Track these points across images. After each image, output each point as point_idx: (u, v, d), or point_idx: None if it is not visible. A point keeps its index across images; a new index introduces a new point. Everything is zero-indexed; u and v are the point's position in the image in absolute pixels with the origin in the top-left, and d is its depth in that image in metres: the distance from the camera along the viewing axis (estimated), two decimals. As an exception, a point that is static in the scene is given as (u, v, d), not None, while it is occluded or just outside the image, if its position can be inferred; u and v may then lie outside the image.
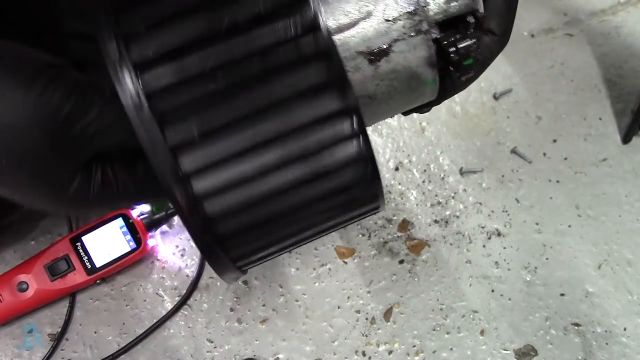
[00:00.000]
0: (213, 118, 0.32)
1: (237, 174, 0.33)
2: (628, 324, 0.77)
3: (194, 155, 0.33)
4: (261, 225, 0.35)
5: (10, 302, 0.72)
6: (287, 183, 0.34)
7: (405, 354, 0.76)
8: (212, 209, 0.34)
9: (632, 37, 0.90)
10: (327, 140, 0.33)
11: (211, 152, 0.33)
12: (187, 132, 0.32)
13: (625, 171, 0.83)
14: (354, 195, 0.36)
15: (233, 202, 0.34)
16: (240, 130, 0.32)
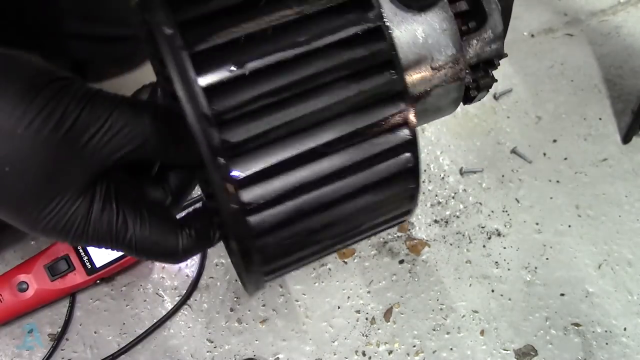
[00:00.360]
0: (272, 120, 0.31)
1: (290, 184, 0.32)
2: (628, 324, 0.77)
3: (247, 159, 0.31)
4: (299, 241, 0.35)
5: (10, 302, 0.72)
6: (340, 194, 0.33)
7: (405, 354, 0.76)
8: (256, 220, 0.32)
9: (632, 37, 0.90)
10: (379, 122, 0.33)
11: (266, 158, 0.31)
12: (244, 132, 0.31)
13: (625, 171, 0.83)
14: (395, 207, 0.37)
15: (279, 215, 0.33)
16: (299, 138, 0.32)
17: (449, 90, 0.40)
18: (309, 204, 0.33)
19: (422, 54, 0.38)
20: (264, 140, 0.31)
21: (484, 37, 0.40)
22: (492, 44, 0.40)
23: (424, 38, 0.38)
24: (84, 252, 0.73)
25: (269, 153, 0.32)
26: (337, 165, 0.33)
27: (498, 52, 0.41)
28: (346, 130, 0.33)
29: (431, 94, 0.40)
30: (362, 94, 0.33)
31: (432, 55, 0.39)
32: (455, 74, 0.40)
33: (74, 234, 0.37)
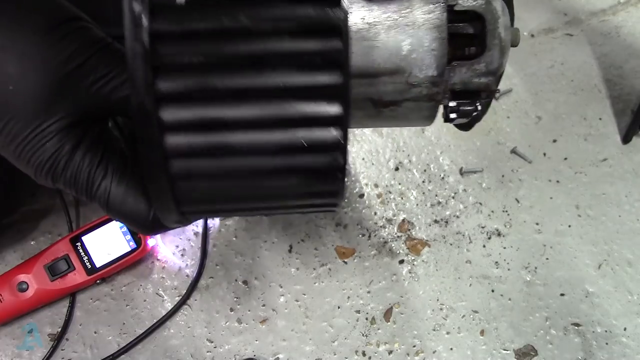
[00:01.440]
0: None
1: (209, 116, 0.32)
2: (628, 324, 0.77)
3: (173, 80, 0.31)
4: (216, 176, 0.34)
5: (10, 302, 0.72)
6: (256, 143, 0.33)
7: (405, 354, 0.76)
8: (172, 143, 0.32)
9: (632, 37, 0.90)
10: (310, 116, 0.33)
11: (189, 83, 0.32)
12: (173, 52, 0.31)
13: (625, 171, 0.83)
14: (316, 182, 0.36)
15: (196, 144, 0.33)
16: (226, 74, 0.32)
17: (421, 107, 0.39)
18: (224, 143, 0.33)
19: (401, 65, 0.37)
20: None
21: (475, 68, 0.39)
22: (483, 77, 0.39)
23: (409, 51, 0.37)
24: (84, 252, 0.73)
25: (196, 76, 0.32)
26: (261, 141, 0.33)
27: (487, 87, 0.39)
28: (274, 113, 0.32)
29: (402, 105, 0.39)
30: (301, 87, 0.32)
31: (411, 71, 0.38)
32: (431, 95, 0.38)
33: (54, 167, 0.38)
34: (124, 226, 0.74)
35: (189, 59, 0.32)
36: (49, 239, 0.78)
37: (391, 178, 0.82)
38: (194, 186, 0.35)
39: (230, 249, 0.79)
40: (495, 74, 0.39)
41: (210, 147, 0.33)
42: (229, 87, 0.32)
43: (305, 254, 0.79)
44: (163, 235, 0.79)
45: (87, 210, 0.79)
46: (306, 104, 0.33)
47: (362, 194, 0.82)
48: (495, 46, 0.38)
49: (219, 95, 0.32)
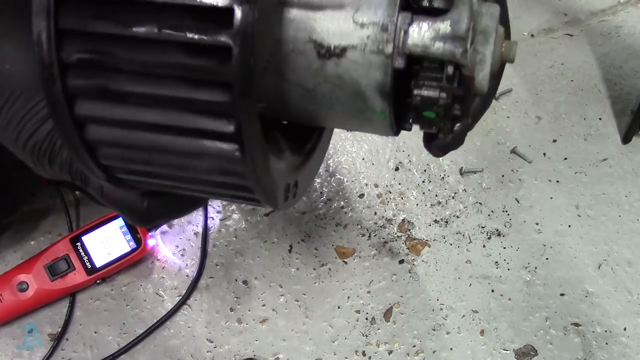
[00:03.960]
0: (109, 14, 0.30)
1: (111, 89, 0.32)
2: (628, 324, 0.77)
3: (79, 45, 0.31)
4: (122, 146, 0.34)
5: (10, 302, 0.72)
6: (152, 122, 0.32)
7: (405, 354, 0.76)
8: (82, 110, 0.32)
9: (632, 37, 0.90)
10: (204, 131, 0.31)
11: (96, 50, 0.31)
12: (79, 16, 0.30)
13: (625, 171, 0.83)
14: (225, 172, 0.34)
15: (103, 114, 0.32)
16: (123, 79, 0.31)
17: (369, 61, 0.34)
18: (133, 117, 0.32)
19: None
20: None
21: (437, 27, 0.32)
22: (447, 42, 0.32)
23: None
24: (84, 252, 0.73)
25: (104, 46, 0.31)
26: (158, 142, 0.32)
27: (452, 54, 0.33)
28: (170, 123, 0.32)
29: (346, 55, 0.34)
30: (191, 101, 0.31)
31: (359, 6, 0.33)
32: (379, 43, 0.33)
33: (51, 147, 0.38)
34: (124, 226, 0.74)
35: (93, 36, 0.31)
36: (49, 239, 0.78)
37: (391, 178, 0.82)
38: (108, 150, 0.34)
39: (230, 249, 0.79)
40: (463, 40, 0.33)
41: (112, 118, 0.32)
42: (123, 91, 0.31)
43: (305, 254, 0.79)
44: (163, 235, 0.79)
45: (87, 210, 0.79)
46: (198, 118, 0.31)
47: (362, 194, 0.82)
48: (463, 4, 0.32)
49: (115, 96, 0.32)
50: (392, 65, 0.33)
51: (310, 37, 0.34)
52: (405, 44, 0.33)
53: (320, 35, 0.34)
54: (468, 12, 0.32)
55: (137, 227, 0.74)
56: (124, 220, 0.74)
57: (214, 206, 0.80)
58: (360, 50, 0.33)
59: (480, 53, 0.34)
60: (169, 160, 0.34)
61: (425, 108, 0.34)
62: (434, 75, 0.34)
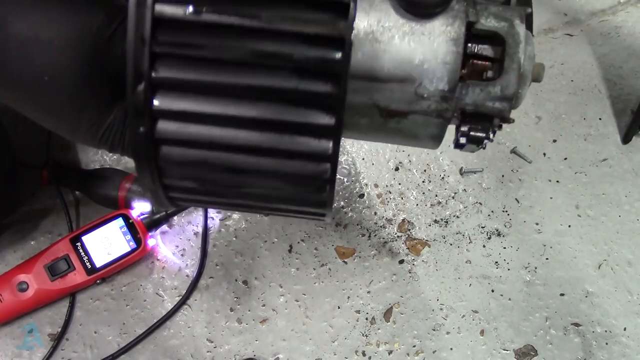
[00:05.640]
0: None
1: (203, 109, 0.33)
2: (628, 324, 0.77)
3: (170, 66, 0.32)
4: (203, 168, 0.35)
5: (10, 302, 0.72)
6: (246, 142, 0.33)
7: (405, 354, 0.76)
8: (164, 128, 0.33)
9: (632, 37, 0.90)
10: (302, 123, 0.33)
11: (188, 74, 0.32)
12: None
13: (625, 171, 0.83)
14: (302, 189, 0.36)
15: (187, 133, 0.33)
16: (226, 72, 0.32)
17: (428, 123, 0.38)
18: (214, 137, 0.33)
19: (411, 74, 0.36)
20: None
21: (489, 90, 0.36)
22: (497, 102, 0.36)
23: (421, 61, 0.36)
24: (84, 252, 0.73)
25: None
26: (252, 141, 0.33)
27: (501, 112, 0.37)
28: (271, 116, 0.33)
29: (408, 117, 0.37)
30: (298, 92, 0.32)
31: (422, 81, 0.36)
32: (440, 111, 0.37)
33: (112, 141, 0.39)
34: (124, 226, 0.74)
35: (190, 50, 0.32)
36: (49, 239, 0.78)
37: (391, 178, 0.82)
38: (180, 173, 0.35)
39: (230, 249, 0.79)
40: (511, 100, 0.37)
41: (198, 139, 0.33)
42: (225, 83, 0.32)
43: (305, 254, 0.79)
44: (163, 235, 0.79)
45: (87, 210, 0.79)
46: (300, 111, 0.33)
47: (362, 194, 0.82)
48: (513, 70, 0.36)
49: (214, 90, 0.32)
50: (448, 123, 0.38)
51: (374, 102, 0.37)
52: (460, 104, 0.37)
53: (384, 103, 0.37)
54: (516, 77, 0.36)
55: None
56: (123, 221, 0.74)
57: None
58: (421, 115, 0.37)
59: (519, 93, 0.38)
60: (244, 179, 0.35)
61: (472, 144, 0.38)
62: (481, 123, 0.38)
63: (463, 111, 0.37)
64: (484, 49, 0.37)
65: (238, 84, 0.32)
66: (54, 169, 0.77)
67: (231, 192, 0.37)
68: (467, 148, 0.39)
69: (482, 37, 0.37)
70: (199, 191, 0.37)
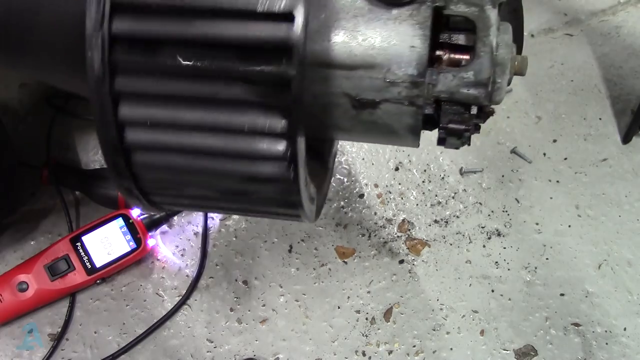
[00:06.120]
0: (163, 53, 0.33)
1: (165, 117, 0.33)
2: (628, 324, 0.77)
3: (131, 80, 0.32)
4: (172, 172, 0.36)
5: (10, 302, 0.72)
6: (207, 146, 0.34)
7: (405, 354, 0.76)
8: (132, 137, 0.34)
9: (632, 37, 0.90)
10: (258, 128, 0.33)
11: (148, 85, 0.33)
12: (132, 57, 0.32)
13: (625, 171, 0.83)
14: (271, 191, 0.36)
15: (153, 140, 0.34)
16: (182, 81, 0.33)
17: (401, 111, 0.37)
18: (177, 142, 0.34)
19: (378, 60, 0.36)
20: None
21: (462, 76, 0.36)
22: (472, 88, 0.36)
23: (387, 45, 0.35)
24: (84, 252, 0.73)
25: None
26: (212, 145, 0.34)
27: (476, 99, 0.36)
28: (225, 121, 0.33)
29: (380, 107, 0.37)
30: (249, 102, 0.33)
31: (390, 67, 0.36)
32: (411, 98, 0.36)
33: None
34: (124, 226, 0.74)
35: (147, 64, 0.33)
36: (49, 239, 0.78)
37: (391, 178, 0.82)
38: (152, 178, 0.36)
39: (230, 249, 0.79)
40: (486, 85, 0.36)
41: (164, 145, 0.34)
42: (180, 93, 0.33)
43: (305, 254, 0.79)
44: (163, 235, 0.79)
45: (87, 210, 0.79)
46: (254, 116, 0.33)
47: (362, 194, 0.82)
48: (485, 54, 0.35)
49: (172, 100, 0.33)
50: (422, 112, 0.37)
51: (344, 91, 0.37)
52: (432, 92, 0.36)
53: (355, 91, 0.37)
54: (489, 61, 0.35)
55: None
56: (123, 221, 0.74)
57: (214, 206, 0.80)
58: (392, 103, 0.37)
59: (497, 83, 0.37)
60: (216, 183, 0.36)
61: (452, 137, 0.38)
62: (457, 113, 0.37)
63: (437, 100, 0.36)
64: (457, 38, 0.37)
65: (193, 94, 0.33)
66: (54, 169, 0.77)
67: (204, 194, 0.38)
68: (449, 143, 0.38)
69: (456, 28, 0.37)
70: (175, 195, 0.38)
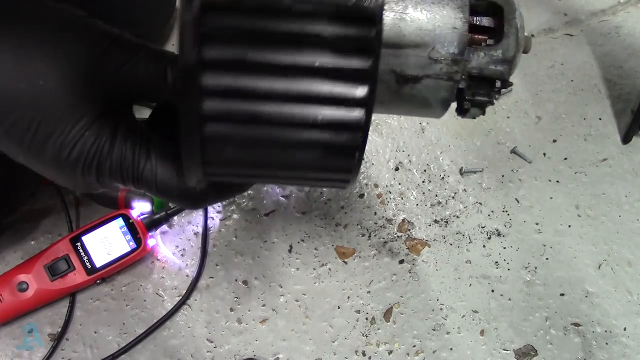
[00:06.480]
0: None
1: (245, 86, 0.34)
2: (628, 324, 0.77)
3: (216, 48, 0.33)
4: (244, 143, 0.37)
5: (10, 302, 0.72)
6: (285, 116, 0.35)
7: (405, 354, 0.76)
8: (209, 107, 0.34)
9: (632, 37, 0.90)
10: (338, 96, 0.35)
11: (231, 53, 0.34)
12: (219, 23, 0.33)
13: (625, 171, 0.83)
14: (335, 158, 0.38)
15: (231, 110, 0.35)
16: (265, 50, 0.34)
17: (439, 86, 0.41)
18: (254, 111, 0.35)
19: (425, 40, 0.40)
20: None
21: (492, 54, 0.41)
22: (499, 65, 0.41)
23: (434, 27, 0.40)
24: (84, 252, 0.73)
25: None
26: (287, 114, 0.35)
27: (502, 74, 0.41)
28: (305, 89, 0.34)
29: (421, 81, 0.41)
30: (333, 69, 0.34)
31: (434, 46, 0.40)
32: (450, 73, 0.41)
33: (98, 154, 0.38)
34: (124, 226, 0.74)
35: (233, 31, 0.34)
36: (49, 239, 0.78)
37: (391, 178, 0.82)
38: (223, 149, 0.37)
39: (230, 249, 0.79)
40: (511, 62, 0.41)
41: (242, 115, 0.35)
42: (266, 62, 0.34)
43: (305, 254, 0.79)
44: (163, 235, 0.79)
45: (87, 210, 0.79)
46: (336, 84, 0.35)
47: (362, 194, 0.82)
48: (512, 34, 0.41)
49: (256, 68, 0.34)
50: (457, 87, 0.41)
51: (391, 67, 0.41)
52: (466, 68, 0.41)
53: (400, 68, 0.41)
54: (515, 40, 0.41)
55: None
56: (123, 220, 0.74)
57: (214, 206, 0.80)
58: (432, 79, 0.41)
59: (516, 59, 0.42)
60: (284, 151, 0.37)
61: (475, 108, 0.42)
62: (484, 87, 0.42)
63: (469, 75, 0.41)
64: (483, 20, 0.42)
65: (276, 62, 0.34)
66: (54, 169, 0.77)
67: (269, 164, 0.39)
68: (471, 113, 0.43)
69: (478, 12, 0.42)
70: (238, 165, 0.39)
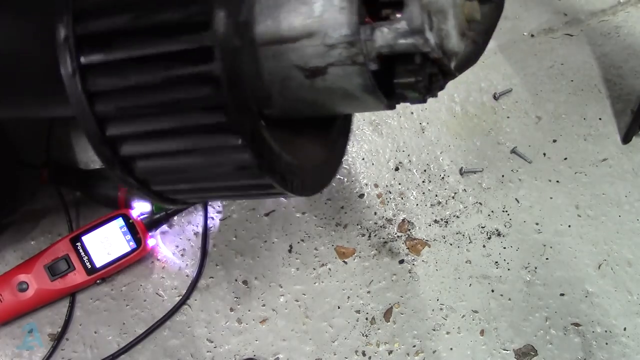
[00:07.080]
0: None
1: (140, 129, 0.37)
2: (628, 324, 0.77)
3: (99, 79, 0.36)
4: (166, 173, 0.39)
5: (10, 302, 0.72)
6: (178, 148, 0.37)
7: (405, 354, 0.76)
8: (111, 131, 0.37)
9: (632, 37, 0.90)
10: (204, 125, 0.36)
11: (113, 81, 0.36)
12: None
13: (625, 171, 0.83)
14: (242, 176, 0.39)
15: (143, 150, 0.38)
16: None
17: (348, 72, 0.39)
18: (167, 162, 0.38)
19: (314, 27, 0.38)
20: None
21: (396, 27, 0.37)
22: (408, 38, 0.37)
23: (321, 12, 0.38)
24: (84, 252, 0.73)
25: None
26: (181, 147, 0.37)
27: (415, 47, 0.37)
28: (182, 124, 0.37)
29: (328, 71, 0.39)
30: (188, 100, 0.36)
31: (326, 32, 0.38)
32: (352, 57, 0.38)
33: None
34: (124, 226, 0.74)
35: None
36: (49, 239, 0.78)
37: (391, 178, 0.82)
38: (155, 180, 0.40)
39: (230, 249, 0.79)
40: (422, 32, 0.36)
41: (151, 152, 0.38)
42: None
43: (305, 254, 0.79)
44: (163, 235, 0.79)
45: (87, 210, 0.79)
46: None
47: (362, 194, 0.82)
48: (412, 2, 0.36)
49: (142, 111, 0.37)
50: (368, 69, 0.38)
51: (293, 63, 0.39)
52: (373, 49, 0.38)
53: (302, 62, 0.39)
54: (418, 8, 0.36)
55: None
56: (123, 221, 0.74)
57: (214, 206, 0.80)
58: (337, 66, 0.39)
59: (443, 30, 0.38)
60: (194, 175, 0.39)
61: (408, 91, 0.39)
62: (407, 64, 0.38)
63: (380, 56, 0.38)
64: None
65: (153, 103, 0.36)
66: (54, 168, 0.77)
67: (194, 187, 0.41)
68: (410, 98, 0.39)
69: None
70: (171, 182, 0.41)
